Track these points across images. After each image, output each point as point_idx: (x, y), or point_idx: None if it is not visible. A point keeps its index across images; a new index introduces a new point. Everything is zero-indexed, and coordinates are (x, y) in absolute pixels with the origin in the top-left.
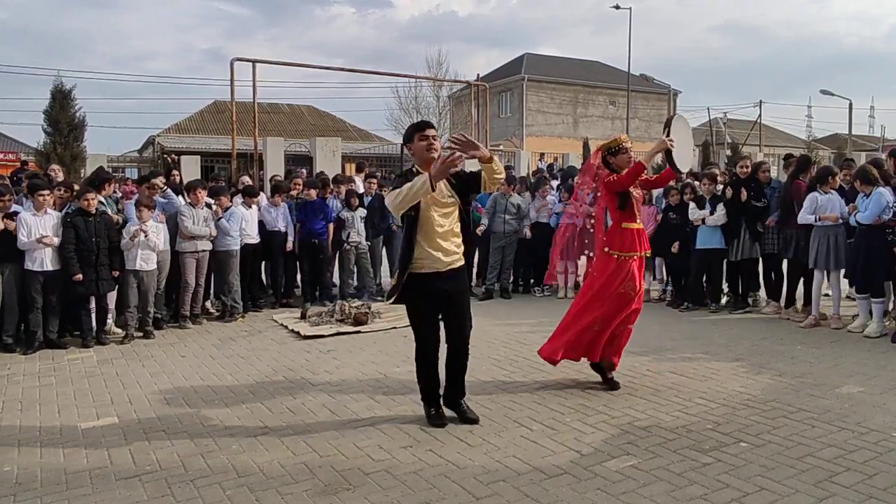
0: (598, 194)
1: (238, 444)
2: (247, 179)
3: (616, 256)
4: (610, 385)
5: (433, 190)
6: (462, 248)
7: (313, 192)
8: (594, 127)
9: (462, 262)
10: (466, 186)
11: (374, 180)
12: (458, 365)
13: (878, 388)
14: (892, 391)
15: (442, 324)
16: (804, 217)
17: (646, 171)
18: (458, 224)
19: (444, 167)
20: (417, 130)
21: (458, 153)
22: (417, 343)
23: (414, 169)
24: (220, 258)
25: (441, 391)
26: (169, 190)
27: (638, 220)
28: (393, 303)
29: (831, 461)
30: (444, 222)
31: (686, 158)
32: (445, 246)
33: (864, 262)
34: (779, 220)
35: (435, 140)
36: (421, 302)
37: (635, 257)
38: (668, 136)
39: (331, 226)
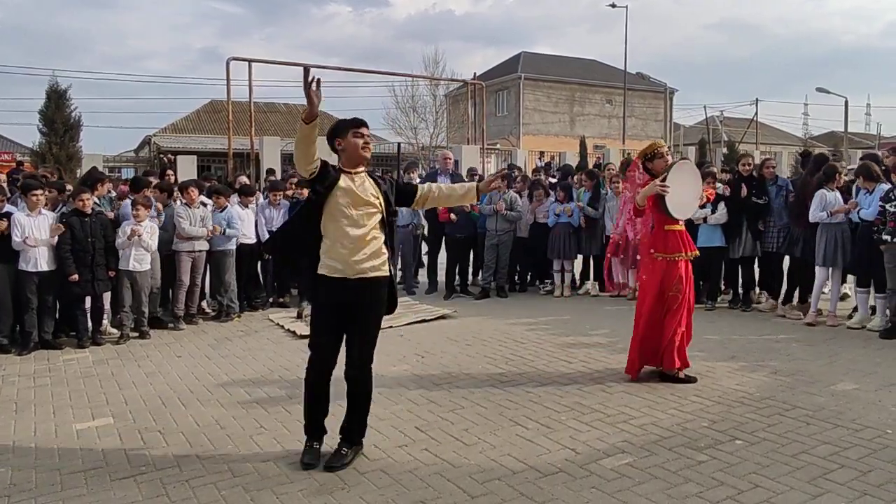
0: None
1: (233, 444)
2: (244, 179)
3: (661, 258)
4: (687, 380)
5: (308, 121)
6: (383, 258)
7: (306, 192)
8: (591, 125)
9: (378, 274)
10: (400, 196)
11: None
12: (353, 393)
13: (872, 386)
14: (887, 388)
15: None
16: (816, 215)
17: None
18: (380, 231)
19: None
20: (354, 126)
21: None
22: (311, 351)
23: (338, 166)
24: (216, 258)
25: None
26: (157, 204)
27: (680, 223)
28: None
29: (826, 458)
30: (363, 222)
31: (686, 205)
32: (359, 248)
33: (866, 258)
34: (792, 217)
35: (370, 140)
36: (323, 307)
37: (680, 258)
38: (663, 180)
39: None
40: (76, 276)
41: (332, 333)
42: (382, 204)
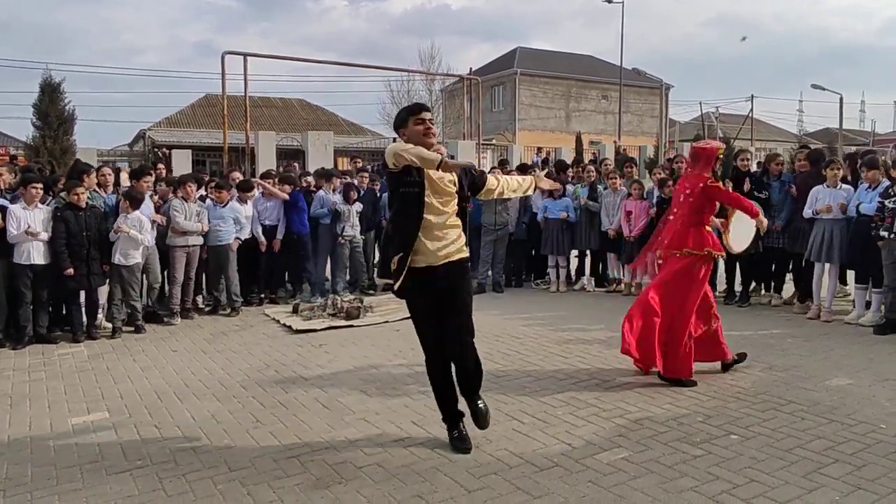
0: (689, 195)
1: (229, 438)
2: (237, 175)
3: (709, 254)
4: (739, 358)
5: (438, 167)
6: (461, 240)
7: (288, 188)
8: (587, 121)
9: (462, 255)
10: (471, 185)
11: (366, 174)
12: (464, 378)
13: (866, 381)
14: (881, 384)
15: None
16: (806, 211)
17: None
18: (458, 218)
19: (458, 165)
20: (412, 114)
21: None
22: (423, 349)
23: (392, 164)
24: (220, 253)
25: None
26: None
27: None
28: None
29: (820, 453)
30: (444, 211)
31: (742, 239)
32: (442, 236)
33: (861, 253)
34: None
35: (433, 125)
36: (418, 300)
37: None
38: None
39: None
40: (71, 271)
41: (434, 325)
42: (457, 191)
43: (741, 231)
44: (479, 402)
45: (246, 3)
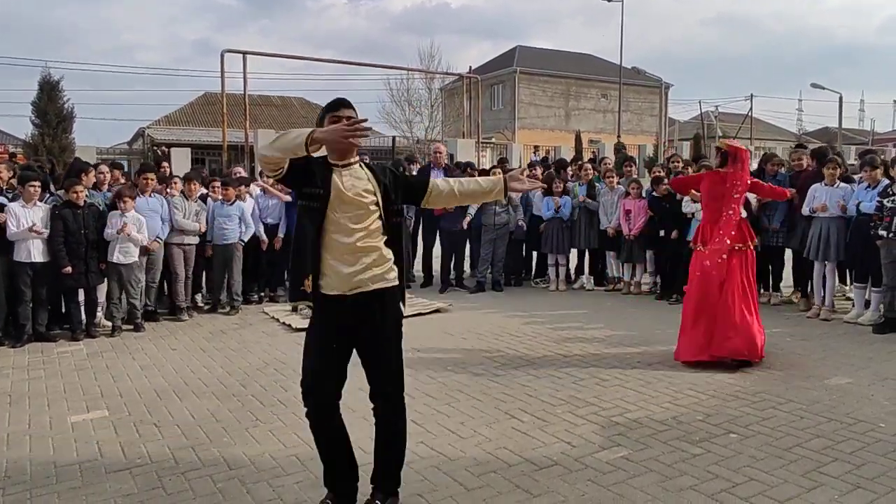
0: (739, 193)
1: (229, 436)
2: (240, 170)
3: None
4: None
5: (307, 151)
6: (386, 265)
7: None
8: (586, 120)
9: (384, 285)
10: (407, 192)
11: None
12: (383, 438)
13: (865, 380)
14: (880, 382)
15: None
16: (804, 209)
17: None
18: (380, 235)
19: (341, 133)
20: (330, 111)
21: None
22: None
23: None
24: (223, 251)
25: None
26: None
27: None
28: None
29: (819, 452)
30: (355, 229)
31: None
32: (354, 261)
33: (859, 252)
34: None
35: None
36: (317, 326)
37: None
38: None
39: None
40: (70, 269)
41: (327, 357)
42: (380, 201)
43: None
44: (380, 500)
45: (246, 1)
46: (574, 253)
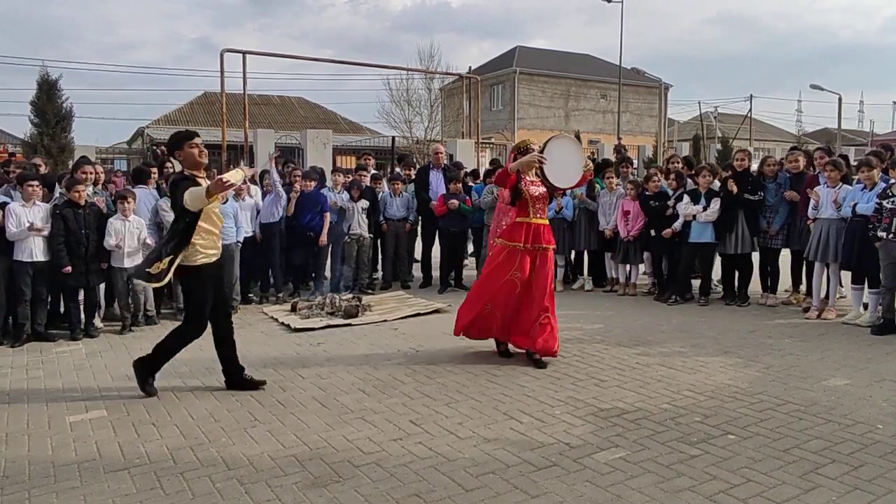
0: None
1: (227, 436)
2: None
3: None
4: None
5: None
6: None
7: (311, 184)
8: (585, 120)
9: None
10: None
11: (365, 172)
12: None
13: (864, 381)
14: (878, 384)
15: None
16: (810, 211)
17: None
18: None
19: (219, 187)
20: (188, 139)
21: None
22: (197, 326)
23: (186, 173)
24: (224, 252)
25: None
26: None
27: (539, 216)
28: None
29: (817, 453)
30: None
31: (565, 176)
32: (219, 234)
33: (857, 253)
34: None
35: (203, 148)
36: (203, 288)
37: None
38: (541, 151)
39: (326, 215)
40: (69, 269)
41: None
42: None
43: (558, 169)
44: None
45: None
46: (573, 253)
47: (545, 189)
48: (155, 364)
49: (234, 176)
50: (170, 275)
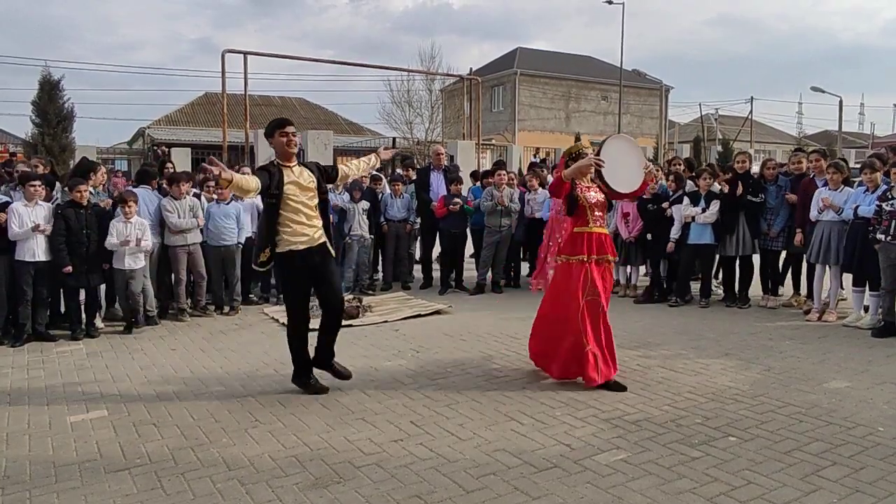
0: None
1: (228, 437)
2: (247, 170)
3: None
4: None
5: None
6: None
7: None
8: (586, 122)
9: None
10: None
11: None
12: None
13: (864, 384)
14: (879, 386)
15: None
16: (812, 213)
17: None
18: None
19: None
20: (279, 127)
21: None
22: (290, 315)
23: (274, 161)
24: (226, 252)
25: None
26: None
27: (598, 224)
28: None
29: (818, 455)
30: (310, 203)
31: (626, 179)
32: (310, 224)
33: (857, 255)
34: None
35: (294, 136)
36: (293, 276)
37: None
38: (597, 154)
39: (330, 217)
40: (70, 268)
41: (305, 298)
42: (316, 184)
43: (619, 172)
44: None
45: None
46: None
47: (603, 196)
48: (296, 366)
49: (241, 181)
50: (271, 263)
